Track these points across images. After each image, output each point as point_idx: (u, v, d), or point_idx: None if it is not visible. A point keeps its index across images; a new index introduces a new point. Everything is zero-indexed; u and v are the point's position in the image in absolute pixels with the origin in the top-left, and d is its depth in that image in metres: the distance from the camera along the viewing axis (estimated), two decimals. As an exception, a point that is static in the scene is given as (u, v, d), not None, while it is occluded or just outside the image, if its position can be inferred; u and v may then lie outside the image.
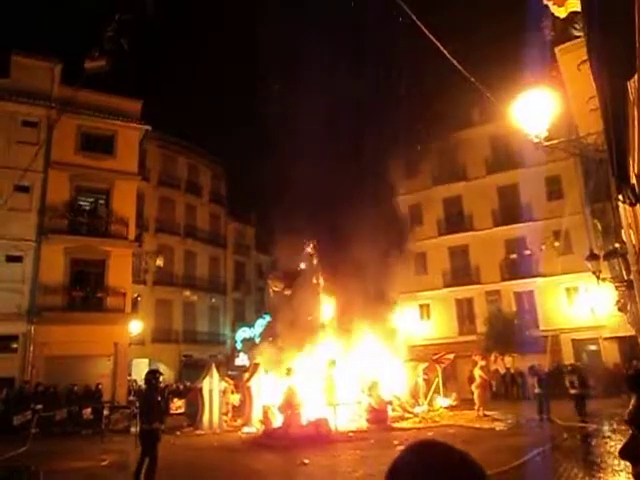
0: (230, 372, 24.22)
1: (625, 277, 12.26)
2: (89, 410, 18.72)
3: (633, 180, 5.92)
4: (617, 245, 13.09)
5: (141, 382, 22.72)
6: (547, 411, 15.69)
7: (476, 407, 18.16)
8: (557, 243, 28.12)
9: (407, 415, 18.62)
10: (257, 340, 30.57)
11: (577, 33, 9.13)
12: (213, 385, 18.69)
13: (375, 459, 11.05)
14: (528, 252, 29.22)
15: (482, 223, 31.22)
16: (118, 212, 23.97)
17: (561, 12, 7.69)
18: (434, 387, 21.08)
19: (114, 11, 8.85)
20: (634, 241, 9.36)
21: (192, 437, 16.75)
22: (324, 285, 22.98)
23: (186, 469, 11.11)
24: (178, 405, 22.88)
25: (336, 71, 22.85)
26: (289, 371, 17.22)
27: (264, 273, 39.69)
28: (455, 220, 32.24)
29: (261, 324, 33.44)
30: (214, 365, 19.65)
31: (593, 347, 26.70)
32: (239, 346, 35.85)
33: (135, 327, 24.30)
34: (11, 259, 21.47)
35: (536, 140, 7.29)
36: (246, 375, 20.28)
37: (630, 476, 1.15)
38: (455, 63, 7.65)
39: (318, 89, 23.09)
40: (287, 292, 24.20)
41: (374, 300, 21.31)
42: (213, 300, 37.07)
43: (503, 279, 29.99)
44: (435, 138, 32.02)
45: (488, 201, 31.21)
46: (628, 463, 1.13)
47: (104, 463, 11.92)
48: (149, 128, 25.95)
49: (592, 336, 26.11)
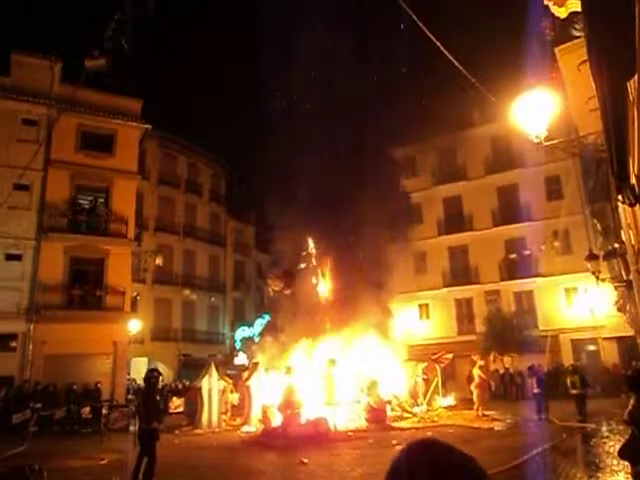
0: (229, 371, 24.19)
1: (624, 277, 12.28)
2: (88, 409, 18.75)
3: (633, 180, 5.92)
4: (616, 245, 13.11)
5: (140, 381, 22.75)
6: (546, 411, 15.72)
7: (475, 407, 18.17)
8: (557, 243, 28.16)
9: (406, 415, 18.63)
10: (256, 339, 30.60)
11: (577, 33, 9.12)
12: (212, 384, 18.69)
13: (374, 458, 11.06)
14: (528, 252, 29.23)
15: (482, 223, 31.22)
16: (118, 211, 23.95)
17: (561, 12, 7.69)
18: (433, 387, 21.09)
19: (114, 11, 8.85)
20: (633, 241, 9.37)
21: (191, 436, 16.75)
22: (323, 284, 22.99)
23: (185, 468, 11.10)
24: (177, 404, 22.90)
25: (337, 68, 22.77)
26: (288, 370, 17.24)
27: (264, 272, 39.66)
28: (455, 220, 32.24)
29: (260, 323, 33.51)
30: (213, 364, 19.65)
31: (592, 347, 26.72)
32: (238, 345, 35.85)
33: (134, 326, 24.29)
34: (10, 257, 21.47)
35: (536, 140, 7.29)
36: (245, 374, 20.29)
37: (629, 476, 1.16)
38: (456, 63, 7.65)
39: (318, 85, 23.03)
40: (287, 291, 24.23)
41: (374, 299, 21.29)
42: (212, 299, 37.05)
43: (502, 279, 30.01)
44: (435, 138, 32.04)
45: (488, 201, 31.22)
46: (627, 463, 1.14)
47: (103, 462, 11.92)
48: (149, 127, 25.92)
49: (591, 336, 26.11)
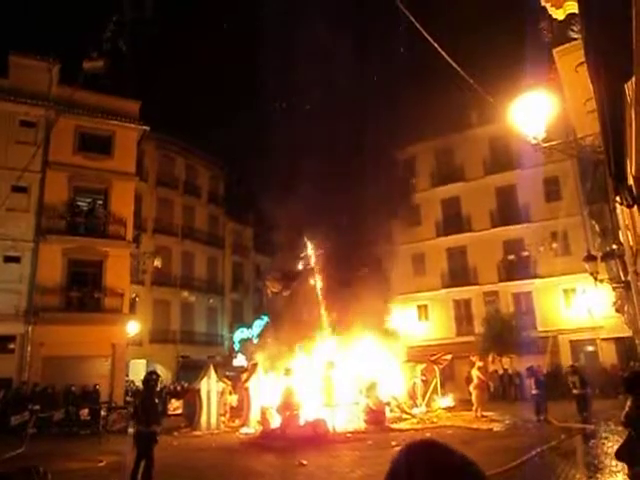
0: (228, 373, 24.12)
1: (622, 278, 12.31)
2: (86, 411, 18.70)
3: (630, 181, 5.94)
4: (614, 246, 13.13)
5: (139, 383, 22.70)
6: (544, 412, 15.72)
7: (474, 408, 18.17)
8: (555, 244, 28.20)
9: (405, 416, 18.62)
10: (255, 341, 30.54)
11: (575, 35, 9.16)
12: (211, 386, 18.68)
13: (373, 460, 11.05)
14: (526, 253, 29.27)
15: (480, 224, 31.25)
16: (116, 213, 23.92)
17: (559, 14, 7.72)
18: (432, 388, 21.09)
19: (112, 12, 8.86)
20: (631, 242, 9.40)
21: (190, 438, 16.72)
22: (322, 286, 22.97)
23: (184, 470, 11.09)
24: (176, 406, 22.84)
25: (335, 68, 22.75)
26: (287, 372, 17.22)
27: (262, 274, 39.63)
28: (453, 221, 32.26)
29: (259, 325, 33.38)
30: (212, 366, 19.63)
31: (591, 348, 26.76)
32: (237, 347, 35.79)
33: (133, 328, 24.25)
34: (9, 259, 21.44)
35: (534, 141, 7.31)
36: (244, 376, 20.27)
37: (627, 477, 1.16)
38: (453, 64, 7.67)
39: (317, 85, 23.00)
40: (285, 293, 24.20)
41: (373, 300, 21.28)
42: (211, 301, 37.02)
43: (501, 280, 30.03)
44: (434, 139, 32.08)
45: (486, 202, 31.25)
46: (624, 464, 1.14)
47: (101, 464, 11.90)
48: (147, 129, 25.90)
49: (590, 337, 26.16)
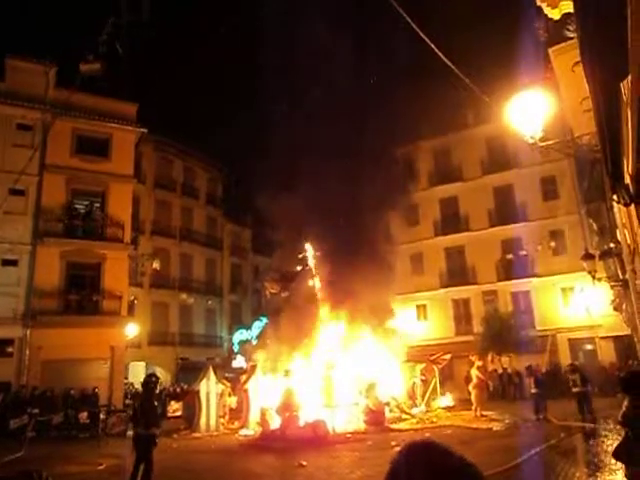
0: (227, 374, 24.15)
1: (620, 276, 12.33)
2: (86, 414, 18.67)
3: (627, 180, 5.94)
4: (612, 245, 13.16)
5: (138, 385, 22.67)
6: (544, 411, 15.74)
7: (473, 407, 18.19)
8: (553, 243, 28.26)
9: (405, 416, 18.63)
10: (254, 342, 30.54)
11: (570, 34, 9.18)
12: (210, 388, 18.66)
13: (373, 460, 11.05)
14: (524, 252, 29.30)
15: (478, 223, 31.28)
16: (114, 215, 23.88)
17: (555, 13, 7.73)
18: (431, 388, 21.10)
19: (109, 15, 8.85)
20: (629, 241, 9.42)
21: (189, 440, 16.70)
22: (321, 287, 22.97)
23: (183, 472, 11.08)
24: (175, 408, 22.82)
25: (334, 70, 22.78)
26: (287, 373, 17.22)
27: (261, 275, 39.63)
28: (451, 221, 32.29)
29: (258, 326, 33.40)
30: (211, 368, 19.61)
31: (589, 346, 26.79)
32: (236, 348, 35.78)
33: (131, 330, 24.20)
34: (6, 263, 21.37)
35: (531, 141, 7.33)
36: (243, 377, 20.28)
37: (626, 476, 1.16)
38: (450, 65, 7.68)
39: (316, 87, 23.05)
40: (284, 294, 24.21)
41: (372, 301, 21.29)
42: (210, 302, 36.99)
43: (499, 279, 30.06)
44: (431, 139, 32.11)
45: (484, 202, 31.29)
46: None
47: (101, 467, 11.88)
48: (145, 131, 25.87)
49: (588, 335, 26.18)
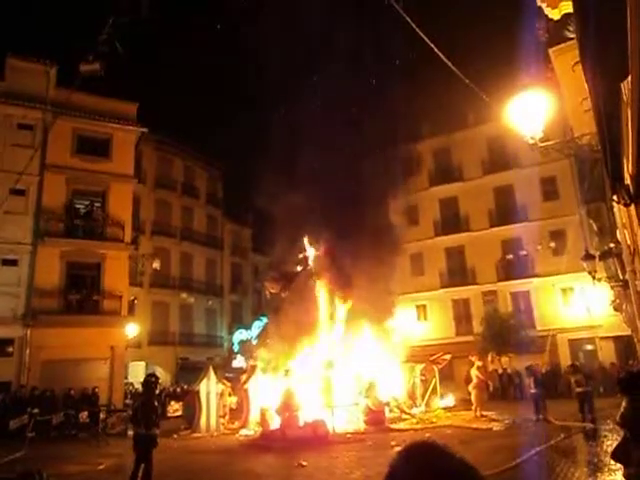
0: (227, 374, 24.17)
1: (620, 277, 12.31)
2: (86, 414, 18.67)
3: (627, 180, 5.94)
4: (612, 245, 13.14)
5: (138, 385, 22.68)
6: (543, 411, 15.73)
7: (473, 407, 18.18)
8: (553, 243, 28.24)
9: (404, 416, 18.63)
10: (254, 342, 30.53)
11: (571, 35, 9.17)
12: (210, 387, 18.66)
13: (372, 460, 11.05)
14: (524, 252, 29.30)
15: (478, 224, 31.28)
16: (114, 215, 23.88)
17: (555, 14, 7.74)
18: (431, 388, 21.10)
19: (109, 14, 8.84)
20: (629, 241, 9.41)
21: (189, 440, 16.71)
22: (321, 286, 22.96)
23: (183, 473, 11.08)
24: (175, 408, 22.85)
25: (332, 69, 22.77)
26: (287, 373, 17.23)
27: (261, 274, 39.63)
28: (451, 221, 32.30)
29: (258, 326, 33.37)
30: (211, 367, 19.62)
31: (589, 347, 26.79)
32: (236, 348, 35.79)
33: (131, 330, 24.20)
34: (7, 262, 21.37)
35: (531, 141, 7.32)
36: (243, 377, 20.29)
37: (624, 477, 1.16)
38: (450, 65, 7.68)
39: (316, 86, 23.06)
40: (284, 294, 24.19)
41: (372, 301, 21.28)
42: (210, 302, 37.00)
43: (499, 279, 30.06)
44: (431, 138, 32.12)
45: (484, 202, 31.29)
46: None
47: (101, 467, 11.90)
48: (145, 130, 25.87)
49: (588, 336, 26.19)
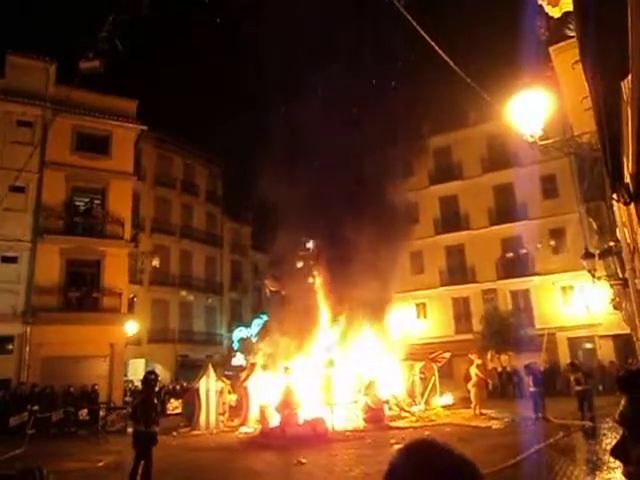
0: (227, 372, 24.18)
1: (620, 275, 12.33)
2: (85, 411, 18.70)
3: (627, 179, 5.94)
4: (612, 243, 13.16)
5: (137, 383, 22.70)
6: (543, 409, 15.75)
7: (472, 405, 18.21)
8: (552, 242, 28.26)
9: (404, 414, 18.66)
10: (254, 340, 30.55)
11: (571, 33, 9.15)
12: (210, 385, 18.67)
13: (372, 458, 11.07)
14: (524, 251, 29.30)
15: (478, 222, 31.28)
16: (114, 212, 23.87)
17: (555, 12, 7.73)
18: (431, 386, 21.13)
19: (109, 11, 8.83)
20: (629, 239, 9.42)
21: (189, 438, 16.73)
22: (321, 284, 22.99)
23: (183, 470, 11.10)
24: (175, 405, 22.86)
25: (333, 67, 22.72)
26: (286, 370, 17.23)
27: (261, 272, 39.66)
28: (451, 219, 32.28)
29: (258, 324, 33.43)
30: (211, 365, 19.63)
31: (589, 345, 26.81)
32: (236, 346, 35.82)
33: (131, 327, 24.22)
34: (6, 260, 21.38)
35: (531, 139, 7.32)
36: (243, 375, 20.30)
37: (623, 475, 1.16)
38: (451, 63, 7.67)
39: (316, 85, 22.99)
40: (284, 292, 24.22)
41: (371, 299, 21.30)
42: (209, 300, 37.01)
43: (499, 278, 30.07)
44: (431, 137, 32.08)
45: (484, 200, 31.27)
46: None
47: (100, 464, 11.92)
48: (145, 128, 25.84)
49: (588, 334, 26.21)
